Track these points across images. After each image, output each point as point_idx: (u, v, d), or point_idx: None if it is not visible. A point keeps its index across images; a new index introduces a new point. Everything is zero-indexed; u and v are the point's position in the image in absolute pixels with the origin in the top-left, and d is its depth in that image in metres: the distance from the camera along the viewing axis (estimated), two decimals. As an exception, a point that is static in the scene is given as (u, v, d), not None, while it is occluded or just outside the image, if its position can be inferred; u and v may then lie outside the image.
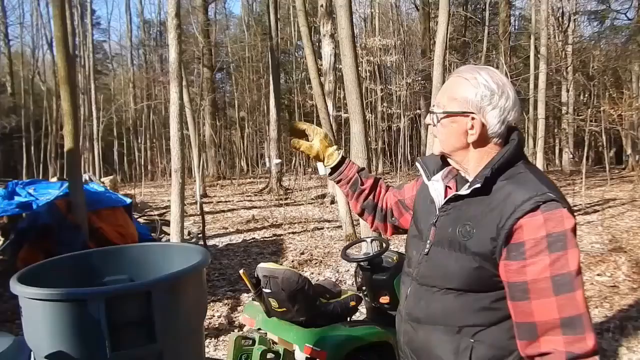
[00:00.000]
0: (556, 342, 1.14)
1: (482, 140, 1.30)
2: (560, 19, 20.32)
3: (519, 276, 1.18)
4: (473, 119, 1.28)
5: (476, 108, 1.28)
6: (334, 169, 1.73)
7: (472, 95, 1.28)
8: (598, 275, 5.94)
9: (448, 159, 1.41)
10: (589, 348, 1.13)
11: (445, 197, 1.39)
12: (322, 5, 12.77)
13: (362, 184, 1.70)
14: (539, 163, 10.68)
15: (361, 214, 1.76)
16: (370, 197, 1.71)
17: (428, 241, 1.38)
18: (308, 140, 1.74)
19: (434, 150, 1.43)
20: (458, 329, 1.29)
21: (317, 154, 1.72)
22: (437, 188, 1.42)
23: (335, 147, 1.73)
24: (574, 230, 1.18)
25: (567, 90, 20.62)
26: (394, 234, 1.76)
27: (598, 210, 10.46)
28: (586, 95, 23.42)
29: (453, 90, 1.32)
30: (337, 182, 1.74)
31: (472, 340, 1.28)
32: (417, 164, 1.55)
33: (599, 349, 1.15)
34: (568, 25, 20.49)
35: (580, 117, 18.54)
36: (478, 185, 1.25)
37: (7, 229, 7.05)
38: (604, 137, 16.27)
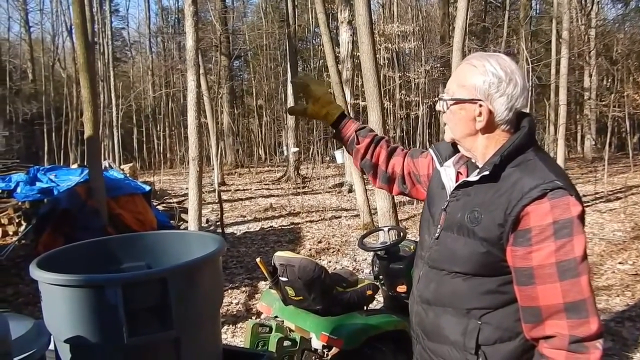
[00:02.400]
0: (560, 325, 1.18)
1: (490, 127, 1.32)
2: (583, 1, 19.84)
3: (525, 262, 1.22)
4: (481, 106, 1.30)
5: (484, 95, 1.30)
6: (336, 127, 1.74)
7: (480, 83, 1.29)
8: (620, 263, 5.86)
9: (458, 146, 1.43)
10: (592, 332, 1.16)
11: (457, 183, 1.42)
12: (339, -9, 12.64)
13: (358, 143, 1.70)
14: (561, 150, 10.49)
15: (362, 172, 1.78)
16: (368, 156, 1.71)
17: (439, 226, 1.42)
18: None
19: (444, 137, 1.45)
20: (466, 311, 1.34)
21: (313, 116, 1.72)
22: (448, 174, 1.46)
23: (333, 106, 1.71)
24: (580, 217, 1.20)
25: (590, 75, 20.18)
26: (399, 195, 1.80)
27: (620, 198, 10.29)
28: (609, 80, 22.89)
29: (462, 78, 1.34)
30: (340, 141, 1.76)
31: (479, 322, 1.32)
32: (429, 150, 1.58)
33: (603, 332, 1.18)
34: (591, 8, 19.98)
35: (603, 103, 18.16)
36: (487, 173, 1.28)
37: (29, 214, 7.18)
38: (627, 123, 15.88)
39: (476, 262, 1.30)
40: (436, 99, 1.43)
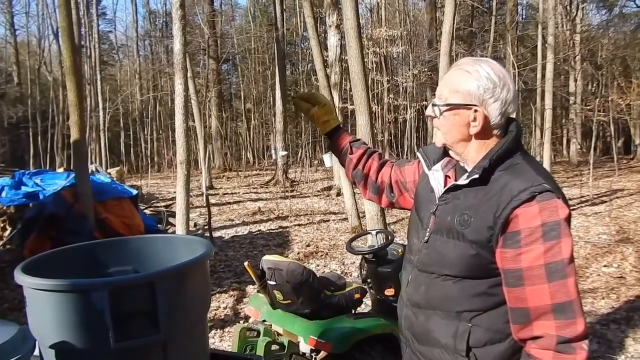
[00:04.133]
0: (548, 326, 1.20)
1: (484, 131, 1.33)
2: (568, 7, 20.09)
3: (514, 263, 1.23)
4: (476, 111, 1.31)
5: (478, 100, 1.30)
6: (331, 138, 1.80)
7: (475, 88, 1.30)
8: (605, 266, 5.92)
9: (449, 151, 1.43)
10: (579, 332, 1.18)
11: (445, 186, 1.43)
12: (327, -4, 12.69)
13: (351, 153, 1.75)
14: (546, 154, 10.59)
15: (354, 182, 1.82)
16: (360, 167, 1.75)
17: (428, 229, 1.42)
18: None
19: (435, 141, 1.44)
20: (456, 314, 1.34)
21: (314, 118, 1.78)
22: (437, 178, 1.46)
23: (333, 116, 1.79)
24: (567, 219, 1.23)
25: (575, 80, 20.44)
26: (388, 207, 1.82)
27: (605, 201, 10.40)
28: (594, 85, 23.23)
29: (455, 83, 1.34)
30: (334, 151, 1.81)
31: (469, 325, 1.32)
32: (418, 154, 1.58)
33: (588, 333, 1.21)
34: (576, 14, 20.27)
35: (588, 107, 18.41)
36: (476, 176, 1.29)
37: (14, 218, 7.09)
38: (612, 127, 16.16)
39: (466, 264, 1.31)
40: (425, 103, 1.44)
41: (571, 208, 1.26)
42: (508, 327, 1.29)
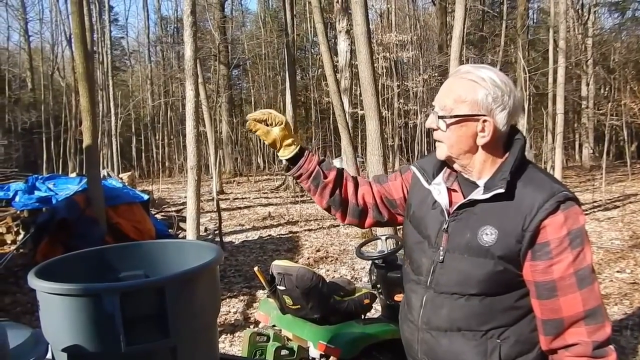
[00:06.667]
0: (580, 333, 1.20)
1: (492, 142, 1.29)
2: (579, 11, 19.98)
3: (545, 275, 1.22)
4: (485, 121, 1.26)
5: (487, 110, 1.26)
6: (293, 163, 1.55)
7: (483, 97, 1.25)
8: (618, 272, 5.86)
9: (453, 163, 1.37)
10: (608, 335, 1.20)
11: (450, 200, 1.37)
12: (337, 1, 12.74)
13: (325, 177, 1.54)
14: (558, 158, 10.51)
15: (328, 210, 1.60)
16: (337, 192, 1.55)
17: (440, 248, 1.35)
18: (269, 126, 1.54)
19: (437, 154, 1.37)
20: (484, 332, 1.30)
21: (274, 142, 1.52)
22: (441, 191, 1.38)
23: (295, 137, 1.55)
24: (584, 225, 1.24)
25: (587, 84, 20.28)
26: (372, 226, 1.67)
27: (619, 206, 10.30)
28: (607, 89, 23.00)
29: (459, 92, 1.28)
30: (297, 178, 1.57)
31: (498, 341, 1.29)
32: (413, 168, 1.49)
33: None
34: (588, 18, 20.14)
35: (601, 112, 18.24)
36: (502, 190, 1.24)
37: (27, 222, 7.17)
38: (624, 132, 15.94)
39: (493, 281, 1.26)
40: (433, 111, 1.37)
41: (584, 213, 1.27)
42: (535, 336, 1.28)
